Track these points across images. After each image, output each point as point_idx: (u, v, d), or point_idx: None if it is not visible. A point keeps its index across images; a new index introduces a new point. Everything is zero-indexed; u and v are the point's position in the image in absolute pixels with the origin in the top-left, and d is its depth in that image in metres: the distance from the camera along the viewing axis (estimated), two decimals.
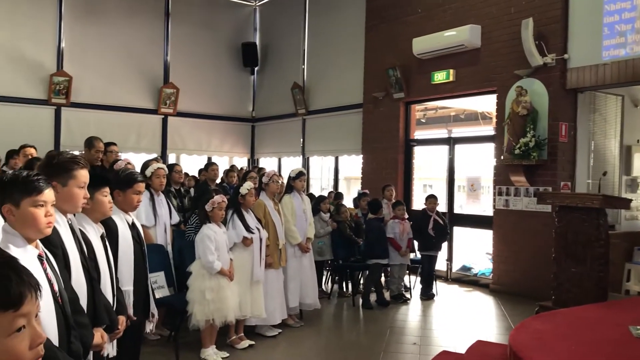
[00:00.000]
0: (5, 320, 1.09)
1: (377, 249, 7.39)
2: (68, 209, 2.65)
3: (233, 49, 13.41)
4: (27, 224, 2.15)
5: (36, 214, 2.16)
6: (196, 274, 5.00)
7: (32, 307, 1.13)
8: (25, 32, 10.74)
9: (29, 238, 2.16)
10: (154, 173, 5.55)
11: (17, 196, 2.15)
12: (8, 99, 10.49)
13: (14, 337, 1.10)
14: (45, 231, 2.21)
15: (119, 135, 11.18)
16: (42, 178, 2.24)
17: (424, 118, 12.86)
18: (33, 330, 1.14)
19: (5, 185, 2.16)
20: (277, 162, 13.54)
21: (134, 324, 3.38)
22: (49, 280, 2.14)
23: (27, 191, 2.16)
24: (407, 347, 5.67)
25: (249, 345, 5.49)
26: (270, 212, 5.93)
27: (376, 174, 10.39)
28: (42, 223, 2.18)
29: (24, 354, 1.12)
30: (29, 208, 2.15)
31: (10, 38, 10.57)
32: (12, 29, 10.60)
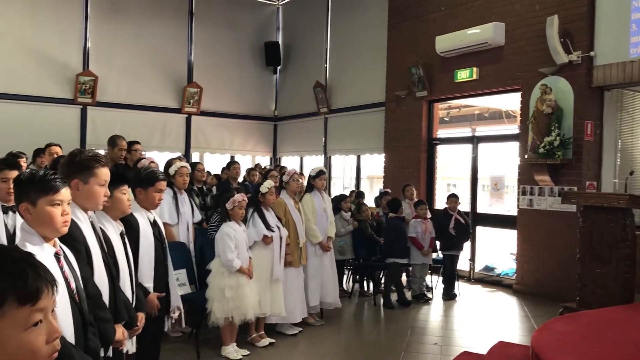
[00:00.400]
0: (23, 314, 1.10)
1: (396, 248, 7.36)
2: (89, 206, 2.69)
3: (256, 48, 13.47)
4: (43, 222, 2.17)
5: (53, 213, 2.18)
6: (215, 271, 5.04)
7: (49, 302, 1.15)
8: (52, 33, 10.92)
9: (46, 236, 2.18)
10: (177, 171, 5.61)
11: (34, 195, 2.17)
12: (35, 99, 10.68)
13: (31, 331, 1.12)
14: (61, 230, 2.23)
15: (143, 134, 11.35)
16: (59, 177, 2.27)
17: (448, 117, 12.76)
18: (49, 325, 1.16)
19: (22, 184, 2.19)
20: (299, 161, 13.56)
21: (154, 321, 3.41)
22: (65, 278, 2.17)
23: (44, 190, 2.18)
24: (428, 347, 5.64)
25: (269, 343, 5.51)
26: (291, 211, 5.94)
27: (398, 172, 10.34)
28: (58, 222, 2.20)
29: (40, 348, 1.14)
30: (45, 207, 2.17)
31: (38, 39, 10.76)
32: (39, 30, 10.79)
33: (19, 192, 2.20)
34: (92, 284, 2.56)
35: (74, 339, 2.14)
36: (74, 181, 2.62)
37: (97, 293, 2.57)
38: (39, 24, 10.80)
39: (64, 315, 2.10)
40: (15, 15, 10.57)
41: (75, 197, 2.61)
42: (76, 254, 2.48)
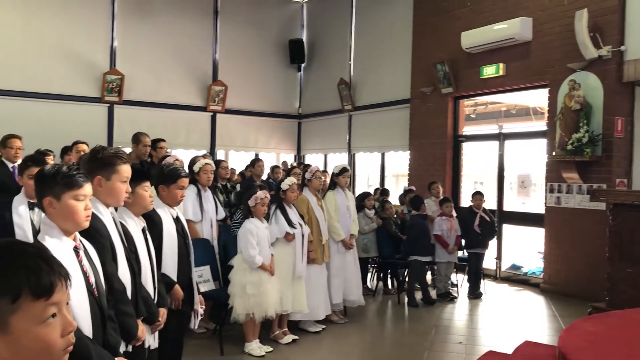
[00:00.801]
0: (37, 308, 1.11)
1: (419, 246, 7.30)
2: (111, 202, 2.72)
3: (280, 46, 13.49)
4: (67, 216, 2.21)
5: (77, 207, 2.22)
6: (237, 267, 5.07)
7: (63, 295, 1.16)
8: (79, 32, 11.08)
9: (67, 230, 2.22)
10: (201, 169, 5.64)
11: (58, 189, 2.20)
12: (63, 97, 10.85)
13: (45, 325, 1.13)
14: (83, 224, 2.26)
15: (169, 132, 11.41)
16: (82, 173, 2.30)
17: (474, 113, 12.63)
18: (64, 318, 1.17)
19: (46, 179, 2.22)
20: (323, 158, 13.54)
21: (177, 316, 3.44)
22: (84, 272, 2.19)
23: (69, 185, 2.22)
24: (453, 347, 5.59)
25: (292, 340, 5.52)
26: (314, 208, 5.93)
27: (424, 170, 10.26)
28: (81, 216, 2.24)
29: (55, 342, 1.14)
30: (70, 201, 2.21)
31: (65, 38, 10.92)
32: (67, 29, 10.95)
33: (43, 187, 2.23)
34: (118, 279, 2.59)
35: (92, 333, 2.16)
36: (97, 177, 2.64)
37: (122, 288, 2.60)
38: (67, 24, 10.96)
39: (81, 310, 2.12)
40: (45, 15, 10.74)
41: (97, 193, 2.65)
42: (102, 249, 2.51)
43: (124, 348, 2.63)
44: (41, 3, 10.71)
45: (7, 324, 1.09)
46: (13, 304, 1.09)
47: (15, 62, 10.37)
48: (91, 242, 2.42)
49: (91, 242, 2.42)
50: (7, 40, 10.32)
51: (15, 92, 10.33)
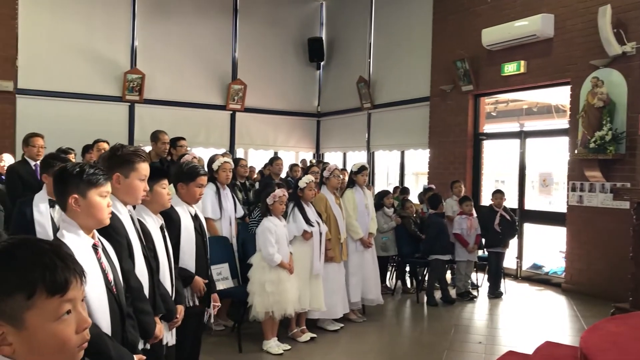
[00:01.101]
0: (52, 305, 1.12)
1: (438, 245, 7.25)
2: (129, 200, 2.73)
3: (299, 44, 13.50)
4: (91, 213, 2.23)
5: (102, 204, 2.26)
6: (256, 265, 5.08)
7: (77, 292, 1.17)
8: (100, 32, 11.21)
9: (88, 227, 2.24)
10: (220, 167, 5.66)
11: (83, 187, 2.23)
12: (85, 96, 10.99)
13: (60, 321, 1.14)
14: (106, 221, 2.30)
15: (189, 131, 11.48)
16: (105, 172, 2.34)
17: (495, 111, 12.51)
18: (79, 315, 1.18)
19: (72, 177, 2.24)
20: (342, 156, 13.53)
21: (195, 313, 3.46)
22: (102, 270, 2.21)
23: (94, 182, 2.25)
24: (472, 346, 5.54)
25: (310, 338, 5.51)
26: (332, 206, 5.92)
27: (444, 168, 10.19)
28: (105, 212, 2.28)
29: (70, 338, 1.15)
30: (95, 198, 2.24)
31: (87, 38, 11.06)
32: (88, 29, 11.09)
33: (67, 184, 2.24)
34: (135, 277, 2.60)
35: (111, 330, 2.18)
36: (115, 175, 2.66)
37: (139, 286, 2.61)
38: (90, 24, 11.10)
39: (100, 307, 2.14)
40: (69, 17, 10.89)
41: (115, 191, 2.66)
42: (118, 247, 2.53)
43: (142, 345, 2.65)
44: (66, 5, 10.86)
45: (23, 320, 1.10)
46: (28, 300, 1.10)
47: (39, 62, 10.54)
48: (108, 240, 2.44)
49: (108, 240, 2.44)
50: (32, 41, 10.48)
51: (39, 91, 10.50)
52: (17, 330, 1.10)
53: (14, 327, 1.10)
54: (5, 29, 10.11)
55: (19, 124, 10.12)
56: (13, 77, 10.22)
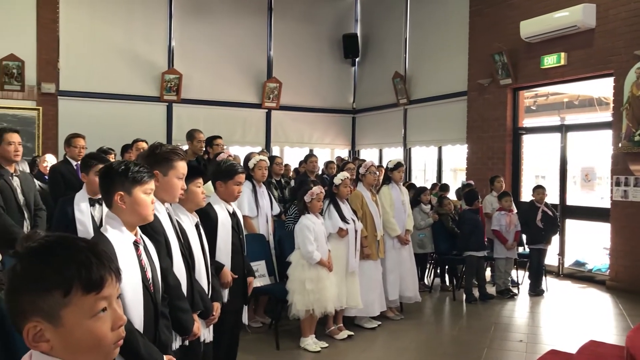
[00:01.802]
0: (88, 302, 1.14)
1: (472, 241, 7.15)
2: (167, 198, 2.77)
3: (334, 41, 13.48)
4: (136, 210, 2.28)
5: (147, 201, 2.31)
6: (296, 263, 5.09)
7: (113, 290, 1.18)
8: (139, 34, 11.42)
9: (131, 224, 2.28)
10: (256, 165, 5.69)
11: (129, 184, 2.27)
12: (124, 97, 11.21)
13: (97, 318, 1.15)
14: (150, 217, 2.35)
15: (225, 130, 11.61)
16: (149, 170, 2.39)
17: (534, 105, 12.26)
18: (114, 312, 1.19)
19: (117, 174, 2.29)
20: (378, 153, 13.45)
21: (232, 310, 3.48)
22: (141, 267, 2.24)
23: (139, 180, 2.29)
24: (513, 345, 5.45)
25: (348, 336, 5.51)
26: (368, 203, 5.89)
27: (482, 164, 10.04)
28: (149, 209, 2.32)
29: (106, 335, 1.17)
30: (141, 195, 2.29)
31: (126, 40, 11.28)
32: (127, 31, 11.31)
33: (112, 182, 2.29)
34: (173, 275, 2.63)
35: (143, 327, 2.20)
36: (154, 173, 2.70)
37: (177, 284, 2.64)
38: (128, 26, 11.32)
39: (135, 303, 2.17)
40: (109, 19, 11.11)
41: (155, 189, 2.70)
42: (156, 245, 2.56)
43: (180, 342, 2.68)
44: (105, 7, 11.09)
45: (60, 317, 1.12)
46: (64, 297, 1.11)
47: (79, 64, 10.79)
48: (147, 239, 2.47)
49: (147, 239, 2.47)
50: (73, 44, 10.73)
51: (79, 92, 10.75)
52: (54, 327, 1.12)
53: (51, 324, 1.12)
54: (47, 33, 10.39)
55: (61, 125, 10.38)
56: (55, 79, 10.50)
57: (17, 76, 10.05)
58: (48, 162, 6.70)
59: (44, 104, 10.39)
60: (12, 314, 1.15)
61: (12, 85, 10.07)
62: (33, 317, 1.11)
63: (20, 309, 1.12)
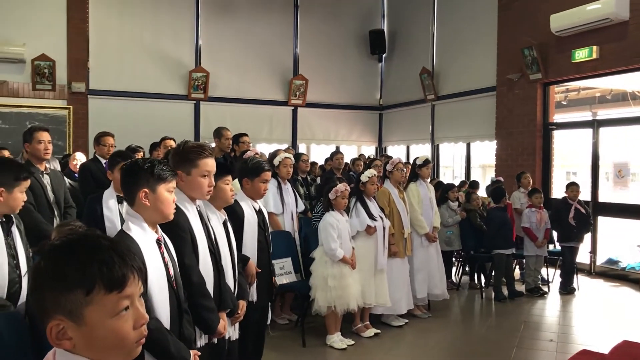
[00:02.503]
0: (110, 301, 1.14)
1: (499, 239, 7.05)
2: (195, 195, 2.77)
3: (360, 37, 13.41)
4: (159, 208, 2.30)
5: (169, 199, 2.33)
6: (319, 260, 5.09)
7: (135, 288, 1.18)
8: (166, 33, 11.53)
9: (153, 222, 2.30)
10: (281, 162, 5.69)
11: (153, 182, 2.30)
12: (153, 95, 11.34)
13: (119, 317, 1.16)
14: (171, 216, 2.36)
15: (252, 127, 11.71)
16: (172, 168, 2.41)
17: (566, 100, 12.04)
18: (136, 311, 1.19)
19: (142, 171, 2.31)
20: (406, 149, 13.35)
21: (258, 308, 3.49)
22: (165, 264, 2.26)
23: (164, 178, 2.32)
24: (543, 344, 5.36)
25: (374, 333, 5.48)
26: (395, 201, 5.85)
27: (512, 160, 9.89)
28: (172, 208, 2.34)
29: (128, 334, 1.17)
30: (164, 193, 2.31)
31: (154, 39, 11.40)
32: (155, 30, 11.43)
33: (137, 179, 2.31)
34: (197, 272, 2.63)
35: (170, 324, 2.22)
36: (178, 172, 2.72)
37: (201, 281, 2.64)
38: (156, 26, 11.44)
39: (162, 301, 2.19)
40: (137, 19, 11.26)
41: (181, 187, 2.72)
42: (182, 243, 2.58)
43: (206, 340, 2.69)
44: (133, 7, 11.24)
45: (82, 316, 1.12)
46: (87, 296, 1.12)
47: (109, 63, 10.95)
48: (171, 235, 2.49)
49: (171, 235, 2.49)
50: (102, 43, 10.90)
51: (109, 91, 10.90)
52: (77, 326, 1.13)
53: (74, 322, 1.12)
54: (77, 33, 10.55)
55: (91, 124, 10.54)
56: (85, 78, 10.67)
57: (48, 76, 10.24)
58: (78, 160, 6.81)
59: (75, 103, 10.56)
60: (37, 312, 1.16)
61: (44, 85, 10.27)
62: (56, 315, 1.12)
63: (44, 306, 1.13)
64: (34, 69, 10.15)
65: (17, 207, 2.93)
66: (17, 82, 10.20)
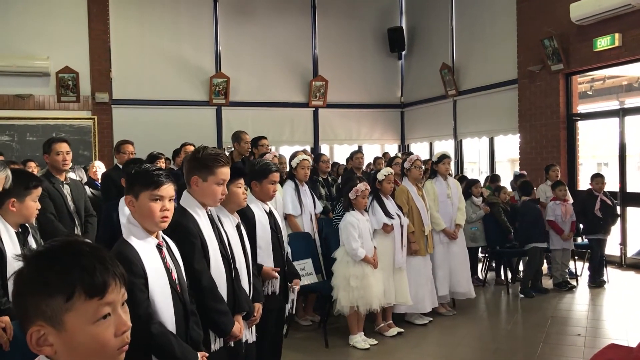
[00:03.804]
0: (91, 308, 1.14)
1: (535, 232, 6.93)
2: (207, 202, 2.79)
3: (379, 35, 13.34)
4: (144, 215, 2.29)
5: (152, 208, 2.28)
6: (340, 260, 5.08)
7: (117, 295, 1.18)
8: (186, 40, 11.63)
9: (148, 229, 2.30)
10: (299, 164, 5.72)
11: (137, 189, 2.30)
12: (175, 103, 11.45)
13: (99, 324, 1.16)
14: (160, 225, 2.31)
15: (273, 130, 11.77)
16: (163, 173, 2.37)
17: (591, 90, 11.81)
18: (118, 318, 1.19)
19: (130, 178, 2.35)
20: (429, 146, 13.24)
21: (274, 309, 3.49)
22: (167, 269, 2.28)
23: (146, 185, 2.30)
24: (570, 339, 5.26)
25: (397, 333, 5.44)
26: (414, 198, 5.80)
27: (536, 153, 9.73)
28: (157, 216, 2.29)
29: (109, 341, 1.17)
30: (146, 200, 2.29)
31: (174, 46, 11.51)
32: (175, 38, 11.54)
33: (127, 185, 2.35)
34: (208, 276, 2.65)
35: (175, 327, 2.23)
36: (194, 177, 2.73)
37: (211, 285, 2.65)
38: (176, 33, 11.54)
39: (165, 305, 2.21)
40: (157, 27, 11.37)
41: (194, 193, 2.75)
42: (191, 248, 2.60)
43: (221, 344, 2.70)
44: (153, 16, 11.37)
45: (62, 322, 1.13)
46: (67, 302, 1.12)
47: (131, 72, 11.11)
48: (181, 241, 2.51)
49: (181, 241, 2.51)
50: (124, 53, 11.06)
51: (132, 100, 11.05)
52: (58, 332, 1.13)
53: (55, 328, 1.13)
54: (98, 44, 10.74)
55: (116, 133, 10.69)
56: (108, 88, 10.84)
57: (72, 87, 10.44)
58: (97, 168, 6.92)
59: (99, 113, 10.75)
60: (18, 317, 1.17)
61: (68, 97, 10.48)
62: (37, 320, 1.13)
63: (25, 312, 1.14)
64: (58, 81, 10.37)
65: (31, 215, 2.97)
66: (42, 95, 10.43)
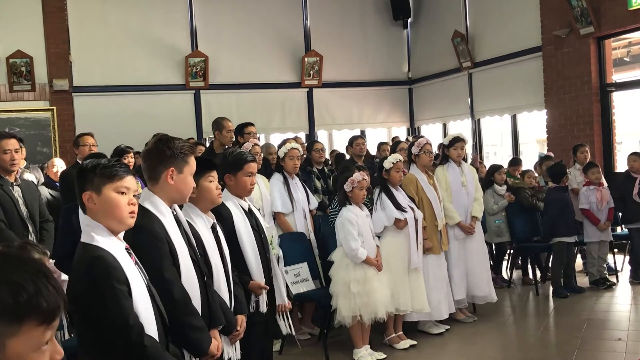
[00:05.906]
0: (37, 334, 1.15)
1: (561, 225, 6.90)
2: (177, 198, 2.79)
3: (380, 1, 13.28)
4: (108, 211, 2.29)
5: (119, 201, 2.30)
6: (338, 263, 5.06)
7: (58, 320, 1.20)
8: (156, 16, 11.56)
9: (112, 229, 2.30)
10: (286, 154, 5.66)
11: (97, 182, 2.29)
12: (146, 88, 11.40)
13: (41, 352, 1.17)
14: (127, 221, 2.34)
15: (261, 116, 11.73)
16: (124, 165, 2.39)
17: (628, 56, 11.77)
18: (53, 345, 1.20)
19: (85, 172, 2.32)
20: (442, 128, 13.20)
21: (260, 321, 3.47)
22: (142, 275, 2.33)
23: (109, 176, 2.30)
24: (610, 344, 5.28)
25: (410, 345, 5.42)
26: (424, 188, 5.77)
27: (566, 131, 9.72)
28: (124, 211, 2.31)
29: None
30: (111, 193, 2.29)
31: (143, 24, 11.46)
32: (144, 13, 11.48)
33: (81, 181, 2.32)
34: (180, 287, 2.63)
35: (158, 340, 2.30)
36: (170, 170, 2.70)
37: (185, 298, 2.63)
38: (144, 9, 11.49)
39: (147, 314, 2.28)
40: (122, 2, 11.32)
41: (162, 189, 2.73)
42: (158, 254, 2.59)
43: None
44: None
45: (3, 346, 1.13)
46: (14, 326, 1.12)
47: (94, 55, 11.07)
48: (145, 247, 2.52)
49: (145, 247, 2.52)
50: (85, 33, 11.02)
51: (96, 87, 11.04)
52: None
53: None
54: (54, 23, 10.68)
55: (79, 125, 10.62)
56: (68, 74, 10.80)
57: (26, 74, 10.41)
58: (58, 166, 6.90)
59: (58, 102, 10.73)
60: None
61: (22, 85, 10.45)
62: None
63: None
64: (9, 67, 10.33)
65: None
66: None
